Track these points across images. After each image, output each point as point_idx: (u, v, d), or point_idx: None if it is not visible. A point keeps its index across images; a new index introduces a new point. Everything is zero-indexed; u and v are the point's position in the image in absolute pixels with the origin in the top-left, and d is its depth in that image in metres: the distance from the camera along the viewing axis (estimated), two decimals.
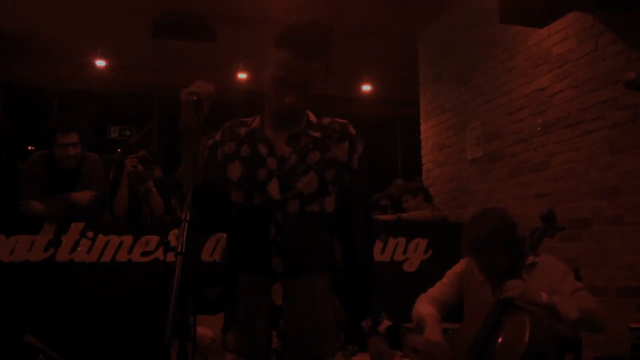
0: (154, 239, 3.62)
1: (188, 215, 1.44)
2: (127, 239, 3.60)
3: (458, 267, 2.76)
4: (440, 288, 2.77)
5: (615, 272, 3.86)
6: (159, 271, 3.50)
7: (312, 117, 1.84)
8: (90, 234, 3.56)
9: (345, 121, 1.86)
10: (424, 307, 2.67)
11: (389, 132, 9.88)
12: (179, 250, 1.38)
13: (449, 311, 2.77)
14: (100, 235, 3.57)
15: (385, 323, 2.12)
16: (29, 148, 8.22)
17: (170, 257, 3.34)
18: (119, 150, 3.90)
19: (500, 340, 2.26)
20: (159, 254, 3.60)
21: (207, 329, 2.81)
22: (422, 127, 6.74)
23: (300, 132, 1.79)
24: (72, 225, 3.54)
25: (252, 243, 1.76)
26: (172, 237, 3.51)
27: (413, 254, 4.11)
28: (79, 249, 3.53)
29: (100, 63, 7.69)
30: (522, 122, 4.89)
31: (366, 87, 8.78)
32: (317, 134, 1.80)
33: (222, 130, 1.85)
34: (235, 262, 1.81)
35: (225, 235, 1.90)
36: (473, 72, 5.65)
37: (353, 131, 1.84)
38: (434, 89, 6.50)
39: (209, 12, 6.22)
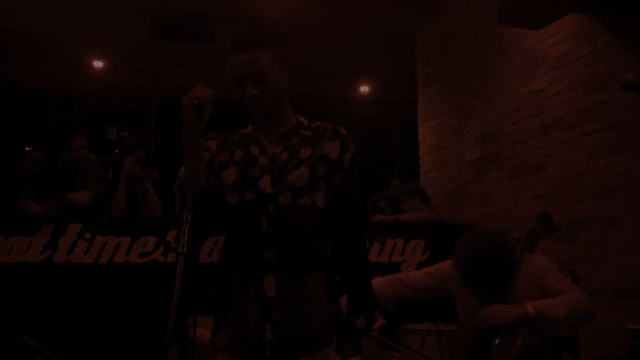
0: (152, 240, 3.62)
1: (189, 217, 1.45)
2: (125, 240, 3.60)
3: (450, 266, 2.73)
4: (421, 276, 2.77)
5: (613, 274, 3.86)
6: (160, 272, 3.49)
7: (303, 120, 1.89)
8: (87, 235, 3.55)
9: (337, 123, 1.90)
10: (378, 281, 2.66)
11: (387, 133, 9.88)
12: (180, 250, 1.39)
13: (448, 311, 2.78)
14: (98, 237, 3.56)
15: (380, 322, 2.12)
16: (27, 149, 8.20)
17: (171, 257, 3.34)
18: (116, 151, 3.88)
19: (496, 342, 2.28)
20: (157, 255, 3.60)
21: (205, 329, 2.80)
22: (420, 129, 6.74)
23: (291, 131, 1.83)
24: (69, 226, 3.53)
25: (244, 238, 1.77)
26: (170, 238, 3.52)
27: (411, 255, 4.11)
28: (76, 250, 3.53)
29: (98, 64, 7.70)
30: (520, 124, 4.89)
31: (364, 88, 8.79)
32: (308, 133, 1.85)
33: (217, 142, 1.88)
34: (228, 264, 1.82)
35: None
36: (471, 74, 5.66)
37: (344, 132, 1.88)
38: (432, 90, 6.51)
39: (207, 13, 6.22)
